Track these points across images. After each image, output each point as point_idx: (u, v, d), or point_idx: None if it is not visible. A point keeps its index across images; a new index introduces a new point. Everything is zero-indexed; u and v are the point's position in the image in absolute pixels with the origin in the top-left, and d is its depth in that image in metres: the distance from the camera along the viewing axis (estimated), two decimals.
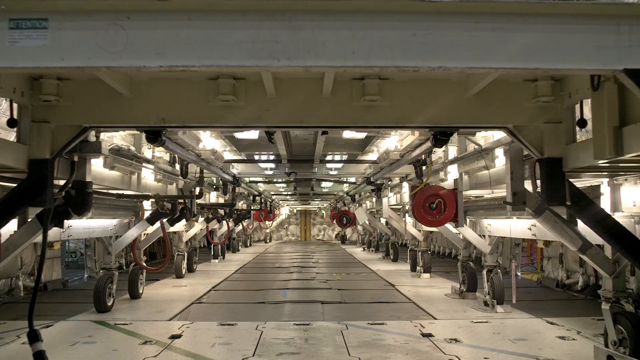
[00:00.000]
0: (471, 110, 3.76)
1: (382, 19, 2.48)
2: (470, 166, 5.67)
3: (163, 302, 7.89)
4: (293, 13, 2.46)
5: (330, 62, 2.47)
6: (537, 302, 7.92)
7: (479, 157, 5.19)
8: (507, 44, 2.48)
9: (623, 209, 4.46)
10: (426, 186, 5.85)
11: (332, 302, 7.94)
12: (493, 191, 6.31)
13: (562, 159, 3.74)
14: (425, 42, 2.47)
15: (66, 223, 5.53)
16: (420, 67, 2.45)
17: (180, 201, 7.09)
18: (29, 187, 3.63)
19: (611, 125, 3.06)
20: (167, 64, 2.44)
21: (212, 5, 2.46)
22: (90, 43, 2.44)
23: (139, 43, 2.44)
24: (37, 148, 3.64)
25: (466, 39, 2.47)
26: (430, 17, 2.47)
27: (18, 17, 2.45)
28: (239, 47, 2.46)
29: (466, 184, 5.89)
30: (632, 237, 3.68)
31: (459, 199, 5.76)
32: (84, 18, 2.45)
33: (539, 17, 2.50)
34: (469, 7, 2.48)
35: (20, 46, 2.46)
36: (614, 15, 2.51)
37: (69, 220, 4.32)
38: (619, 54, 2.49)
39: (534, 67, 2.48)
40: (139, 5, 2.45)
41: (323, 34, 2.47)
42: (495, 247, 7.21)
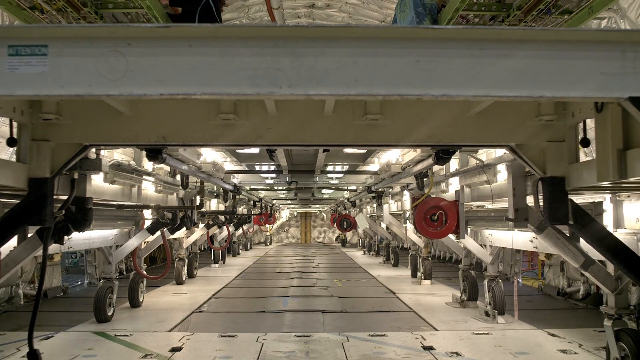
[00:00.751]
0: (473, 128, 3.73)
1: (385, 46, 2.45)
2: (471, 180, 5.65)
3: (163, 311, 7.87)
4: (295, 40, 2.43)
5: (332, 90, 2.43)
6: (538, 311, 7.89)
7: (480, 172, 5.17)
8: (511, 71, 2.45)
9: (626, 225, 4.43)
10: (427, 198, 5.83)
11: (332, 311, 7.91)
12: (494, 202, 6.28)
13: (565, 178, 3.72)
14: (428, 69, 2.44)
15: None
16: (424, 95, 2.42)
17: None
18: (29, 205, 3.60)
19: (615, 148, 3.03)
20: (168, 91, 2.41)
21: (213, 32, 2.44)
22: (91, 70, 2.41)
23: (140, 70, 2.41)
24: (37, 167, 3.61)
25: (470, 66, 2.45)
26: (433, 44, 2.44)
27: (17, 44, 2.42)
28: (241, 74, 2.43)
29: (467, 196, 5.87)
30: (635, 256, 3.66)
31: (460, 211, 5.75)
32: (84, 45, 2.42)
33: (543, 43, 2.47)
34: (473, 33, 2.45)
35: (20, 73, 2.43)
36: (618, 42, 2.48)
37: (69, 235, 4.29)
38: (623, 81, 2.46)
39: (538, 95, 2.45)
40: (139, 32, 2.43)
41: (325, 60, 2.44)
42: (496, 257, 7.18)
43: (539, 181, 3.78)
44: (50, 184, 3.66)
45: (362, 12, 10.75)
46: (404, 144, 3.69)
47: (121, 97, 2.47)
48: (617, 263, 3.75)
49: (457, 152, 5.18)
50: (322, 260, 18.00)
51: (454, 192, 5.89)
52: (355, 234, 25.45)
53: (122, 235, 7.27)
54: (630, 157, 2.95)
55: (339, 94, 2.44)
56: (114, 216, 6.62)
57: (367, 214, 15.35)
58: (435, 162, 4.15)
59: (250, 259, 17.92)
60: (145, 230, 7.09)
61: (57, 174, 3.69)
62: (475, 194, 5.77)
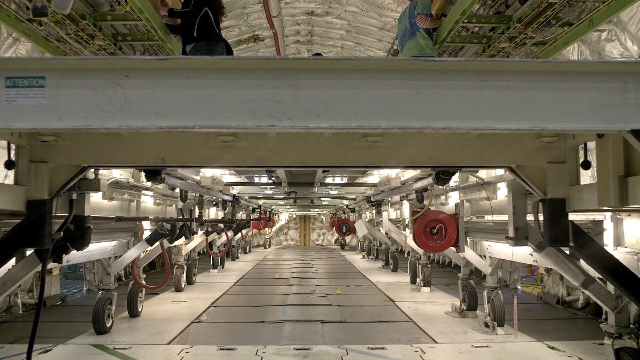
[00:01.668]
0: (473, 149, 3.72)
1: (385, 78, 2.43)
2: (471, 195, 5.63)
3: (162, 321, 7.84)
4: (295, 71, 2.41)
5: (333, 123, 2.41)
6: (537, 321, 7.88)
7: (480, 189, 5.16)
8: (512, 103, 2.44)
9: (626, 244, 4.42)
10: (427, 211, 5.82)
11: (332, 322, 7.89)
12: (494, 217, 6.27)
13: (566, 200, 3.70)
14: (429, 101, 2.42)
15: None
16: (425, 128, 2.41)
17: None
18: (27, 228, 3.58)
19: (616, 174, 3.03)
20: (166, 124, 2.39)
21: (212, 64, 2.42)
22: (89, 102, 2.39)
23: (138, 102, 2.39)
24: (35, 189, 3.59)
25: (471, 98, 2.43)
26: (434, 76, 2.42)
27: (14, 75, 2.40)
28: (240, 106, 2.41)
29: (467, 209, 5.85)
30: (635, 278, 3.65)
31: (460, 225, 5.73)
32: (82, 76, 2.40)
33: (544, 74, 2.45)
34: (474, 65, 2.44)
35: (17, 105, 2.41)
36: (621, 73, 2.46)
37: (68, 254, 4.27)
38: (625, 113, 2.45)
39: (540, 127, 2.44)
40: (137, 64, 2.41)
41: (325, 93, 2.42)
42: (495, 268, 7.17)
43: (539, 202, 3.78)
44: (49, 205, 3.64)
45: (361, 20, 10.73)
46: (404, 165, 3.67)
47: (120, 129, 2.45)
48: (618, 285, 3.73)
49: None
50: (321, 264, 17.98)
51: (454, 205, 5.86)
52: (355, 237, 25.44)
53: (121, 245, 7.25)
54: (631, 184, 2.94)
55: (340, 127, 2.42)
56: (112, 228, 6.60)
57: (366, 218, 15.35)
58: (435, 183, 4.14)
59: (249, 264, 17.90)
60: (144, 241, 7.07)
61: (56, 196, 3.67)
62: (475, 209, 5.76)
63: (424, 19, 6.42)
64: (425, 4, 6.58)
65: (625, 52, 6.16)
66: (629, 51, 6.12)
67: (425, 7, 6.56)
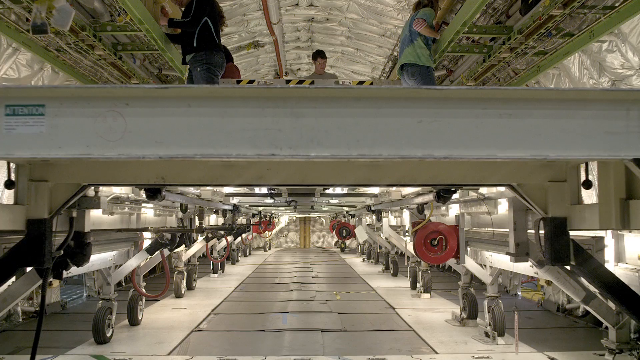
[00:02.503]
0: (474, 168, 3.71)
1: (387, 106, 2.42)
2: (472, 209, 5.63)
3: (162, 329, 7.83)
4: (296, 100, 2.40)
5: (334, 152, 2.40)
6: (538, 330, 7.87)
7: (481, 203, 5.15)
8: (514, 131, 2.43)
9: (627, 260, 4.42)
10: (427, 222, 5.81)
11: (332, 330, 7.88)
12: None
13: (567, 219, 3.70)
14: (431, 129, 2.41)
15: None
16: (427, 157, 2.40)
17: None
18: (27, 247, 3.58)
19: (618, 197, 3.02)
20: (166, 153, 2.38)
21: (212, 92, 2.41)
22: (89, 130, 2.38)
23: (138, 131, 2.38)
24: (35, 208, 3.58)
25: (473, 126, 2.41)
26: (436, 104, 2.41)
27: (14, 104, 2.39)
28: (241, 135, 2.40)
29: (468, 221, 5.84)
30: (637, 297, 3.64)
31: (460, 236, 5.72)
32: (82, 104, 2.39)
33: (546, 102, 2.44)
34: (476, 93, 2.43)
35: (17, 133, 2.40)
36: (623, 100, 2.45)
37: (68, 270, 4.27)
38: (628, 141, 2.43)
39: (542, 155, 2.42)
40: (137, 92, 2.40)
41: (326, 121, 2.41)
42: (496, 277, 7.16)
43: (540, 221, 3.77)
44: (49, 224, 3.63)
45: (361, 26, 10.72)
46: (404, 183, 3.66)
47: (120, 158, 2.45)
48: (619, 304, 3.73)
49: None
50: (322, 268, 17.97)
51: (454, 216, 5.86)
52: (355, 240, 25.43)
53: (121, 255, 7.24)
54: (633, 208, 2.94)
55: (341, 156, 2.41)
56: (112, 239, 6.59)
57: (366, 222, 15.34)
58: (436, 201, 4.13)
59: (249, 267, 17.89)
60: (144, 250, 7.06)
61: (56, 214, 3.67)
62: (476, 221, 5.75)
63: (421, 22, 6.44)
64: (427, 12, 6.59)
65: (626, 62, 6.15)
66: (630, 62, 6.11)
67: (427, 14, 6.57)
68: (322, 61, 8.83)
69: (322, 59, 8.84)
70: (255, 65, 12.70)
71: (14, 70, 6.76)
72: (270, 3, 8.84)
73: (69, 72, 7.49)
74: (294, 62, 13.10)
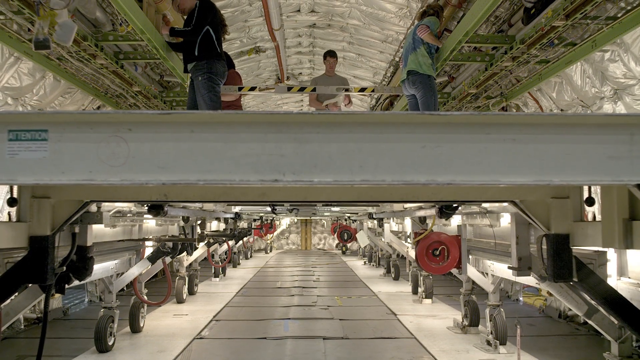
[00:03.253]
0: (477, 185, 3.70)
1: (390, 131, 2.41)
2: (474, 221, 5.63)
3: (164, 337, 7.83)
4: (299, 125, 2.40)
5: (337, 177, 2.40)
6: (539, 338, 7.87)
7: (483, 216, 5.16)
8: (518, 156, 2.42)
9: (630, 274, 4.41)
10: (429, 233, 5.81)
11: (334, 338, 7.88)
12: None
13: (570, 235, 3.69)
14: (434, 154, 2.40)
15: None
16: (430, 182, 2.39)
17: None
18: (30, 263, 3.59)
19: (621, 217, 3.01)
20: (169, 179, 2.38)
21: (215, 118, 2.41)
22: (92, 156, 2.37)
23: (141, 156, 2.37)
24: (38, 225, 3.59)
25: (476, 151, 2.41)
26: (439, 129, 2.41)
27: (17, 129, 2.39)
28: (244, 160, 2.39)
29: (470, 232, 5.84)
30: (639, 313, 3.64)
31: (462, 247, 5.72)
32: (85, 130, 2.39)
33: (550, 127, 2.43)
34: (479, 119, 2.43)
35: (20, 159, 2.40)
36: (627, 125, 2.44)
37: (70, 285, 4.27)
38: (632, 166, 2.42)
39: (546, 181, 2.42)
40: (141, 118, 2.40)
41: (329, 146, 2.40)
42: (497, 286, 7.15)
43: (543, 237, 3.77)
44: (51, 241, 3.63)
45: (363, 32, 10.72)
46: (407, 199, 3.65)
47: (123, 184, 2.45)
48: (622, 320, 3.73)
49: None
50: (323, 271, 17.96)
51: (456, 226, 5.86)
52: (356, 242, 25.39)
53: (122, 263, 7.24)
54: (636, 229, 2.93)
55: (344, 181, 2.40)
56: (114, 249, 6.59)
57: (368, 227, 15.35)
58: (439, 217, 4.13)
59: (250, 271, 17.89)
60: (146, 259, 7.06)
61: (58, 231, 3.67)
62: (478, 232, 5.75)
63: (424, 29, 6.44)
64: (432, 20, 6.59)
65: (628, 72, 6.15)
66: (632, 72, 6.10)
67: (431, 22, 6.57)
68: (331, 60, 8.67)
69: (332, 58, 8.68)
70: (257, 70, 12.70)
71: (16, 79, 6.77)
72: (272, 10, 8.83)
73: (71, 80, 7.50)
74: (295, 67, 13.09)
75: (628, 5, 5.30)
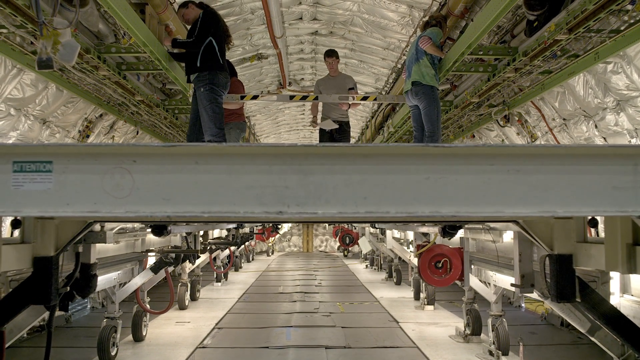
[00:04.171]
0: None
1: (394, 162, 2.41)
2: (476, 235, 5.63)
3: (167, 346, 7.84)
4: (304, 157, 2.40)
5: (341, 209, 2.40)
6: (541, 347, 7.86)
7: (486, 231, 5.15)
8: (522, 187, 2.41)
9: (632, 292, 4.41)
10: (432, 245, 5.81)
11: (336, 347, 7.88)
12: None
13: (573, 256, 3.69)
14: (438, 186, 2.40)
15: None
16: (434, 214, 2.39)
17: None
18: (34, 284, 3.59)
19: (624, 242, 3.01)
20: (174, 211, 2.38)
21: (220, 150, 2.41)
22: (96, 187, 2.37)
23: (146, 188, 2.37)
24: (42, 245, 3.60)
25: (480, 182, 2.40)
26: (443, 160, 2.41)
27: (22, 160, 2.40)
28: (248, 192, 2.39)
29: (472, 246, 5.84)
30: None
31: (465, 259, 5.72)
32: (89, 161, 2.39)
33: (554, 157, 2.43)
34: (484, 150, 2.43)
35: (25, 190, 2.40)
36: (631, 155, 2.44)
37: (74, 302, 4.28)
38: (636, 197, 2.42)
39: (550, 212, 2.42)
40: (145, 150, 2.40)
41: (334, 178, 2.41)
42: (500, 296, 7.14)
43: (546, 258, 3.76)
44: (55, 261, 3.64)
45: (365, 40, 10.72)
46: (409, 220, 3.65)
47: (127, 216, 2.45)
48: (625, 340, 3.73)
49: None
50: (325, 275, 17.96)
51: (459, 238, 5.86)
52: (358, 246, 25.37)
53: (125, 273, 7.24)
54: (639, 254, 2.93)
55: (348, 213, 2.40)
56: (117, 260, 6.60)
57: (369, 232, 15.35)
58: (442, 236, 4.13)
59: (252, 275, 17.90)
60: (148, 269, 7.07)
61: (62, 251, 3.68)
62: (481, 246, 5.74)
63: (426, 40, 6.44)
64: (435, 31, 6.59)
65: (631, 84, 6.14)
66: (635, 84, 6.10)
67: (434, 33, 6.57)
68: (330, 60, 8.41)
69: (330, 58, 8.42)
70: (259, 76, 12.72)
71: (19, 90, 6.78)
72: (274, 18, 8.83)
73: (73, 90, 7.51)
74: (297, 73, 13.11)
75: (631, 18, 5.29)
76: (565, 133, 7.99)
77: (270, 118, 18.47)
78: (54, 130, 8.05)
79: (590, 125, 7.29)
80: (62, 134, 8.29)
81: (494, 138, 10.38)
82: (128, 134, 10.33)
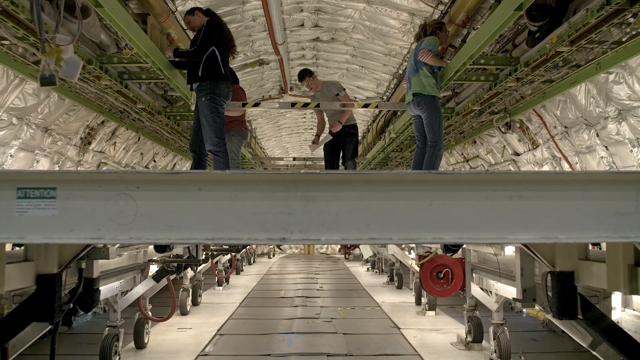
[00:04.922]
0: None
1: (397, 189, 2.43)
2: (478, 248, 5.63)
3: (168, 354, 7.86)
4: (306, 184, 2.41)
5: (344, 235, 2.42)
6: (542, 355, 7.87)
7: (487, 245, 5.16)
8: (524, 213, 2.43)
9: (634, 306, 4.41)
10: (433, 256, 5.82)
11: (337, 355, 7.89)
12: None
13: (575, 273, 3.69)
14: (441, 212, 2.41)
15: None
16: (437, 240, 2.41)
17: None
18: (37, 302, 3.60)
19: (626, 263, 3.02)
20: (177, 237, 2.40)
21: (223, 177, 2.42)
22: (100, 214, 2.39)
23: (149, 214, 2.39)
24: (45, 263, 3.60)
25: (483, 209, 2.42)
26: (446, 187, 2.42)
27: (26, 186, 2.41)
28: (251, 218, 2.41)
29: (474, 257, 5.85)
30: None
31: (466, 269, 5.72)
32: (93, 188, 2.40)
33: (556, 184, 2.44)
34: (486, 177, 2.45)
35: (29, 216, 2.41)
36: (632, 181, 2.46)
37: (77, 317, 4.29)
38: (638, 223, 2.43)
39: (552, 239, 2.43)
40: (149, 177, 2.42)
41: (337, 204, 2.42)
42: (501, 305, 7.15)
43: (548, 275, 3.77)
44: (58, 279, 3.65)
45: (366, 46, 10.72)
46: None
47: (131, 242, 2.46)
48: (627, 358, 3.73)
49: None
50: (326, 279, 17.97)
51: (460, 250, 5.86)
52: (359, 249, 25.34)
53: (127, 281, 7.25)
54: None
55: (351, 239, 2.42)
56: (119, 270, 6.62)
57: None
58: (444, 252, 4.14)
59: (253, 278, 17.91)
60: (150, 278, 7.08)
61: (65, 268, 3.69)
62: (482, 257, 5.75)
63: (426, 53, 6.41)
64: (432, 42, 6.56)
65: (633, 94, 6.15)
66: (637, 94, 6.10)
67: (431, 44, 6.54)
68: (305, 82, 8.25)
69: (303, 81, 8.23)
70: (260, 81, 12.73)
71: (21, 99, 6.80)
72: (276, 25, 8.84)
73: (75, 99, 7.53)
74: None
75: (633, 30, 5.29)
76: (566, 141, 7.99)
77: (272, 122, 18.48)
78: (56, 138, 8.06)
79: (592, 133, 7.29)
80: (63, 141, 8.31)
81: (495, 144, 10.38)
82: (129, 140, 10.35)
